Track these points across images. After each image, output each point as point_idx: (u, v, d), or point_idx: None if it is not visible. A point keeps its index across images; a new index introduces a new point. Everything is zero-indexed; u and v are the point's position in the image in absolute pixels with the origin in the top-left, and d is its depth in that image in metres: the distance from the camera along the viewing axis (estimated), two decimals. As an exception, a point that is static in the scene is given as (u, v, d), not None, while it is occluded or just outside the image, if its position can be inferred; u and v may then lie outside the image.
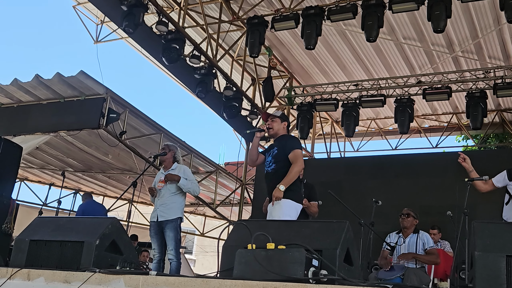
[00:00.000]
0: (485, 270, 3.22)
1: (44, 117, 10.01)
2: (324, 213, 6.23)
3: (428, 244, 6.48)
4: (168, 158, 6.56)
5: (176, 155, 6.63)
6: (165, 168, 6.57)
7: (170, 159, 6.56)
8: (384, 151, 14.54)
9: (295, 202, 4.97)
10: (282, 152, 5.07)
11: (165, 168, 6.57)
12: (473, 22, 10.21)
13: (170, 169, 6.50)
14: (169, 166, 6.55)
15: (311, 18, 9.31)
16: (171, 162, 6.56)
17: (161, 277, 3.62)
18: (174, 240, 6.17)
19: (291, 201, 4.93)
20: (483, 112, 10.74)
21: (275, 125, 5.26)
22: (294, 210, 4.96)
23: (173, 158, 6.58)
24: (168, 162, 6.57)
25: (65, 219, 5.18)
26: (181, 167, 6.56)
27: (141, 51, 12.25)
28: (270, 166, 5.13)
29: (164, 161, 6.59)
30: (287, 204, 4.92)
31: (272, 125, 5.26)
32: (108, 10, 9.74)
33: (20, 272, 4.06)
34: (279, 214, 4.83)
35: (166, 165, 6.58)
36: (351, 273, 3.64)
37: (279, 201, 4.87)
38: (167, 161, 6.57)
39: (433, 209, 8.85)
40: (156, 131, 10.96)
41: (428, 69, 11.81)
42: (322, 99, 12.07)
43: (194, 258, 24.09)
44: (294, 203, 4.96)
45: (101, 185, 14.57)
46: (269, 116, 5.36)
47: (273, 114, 5.39)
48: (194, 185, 6.43)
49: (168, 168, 6.53)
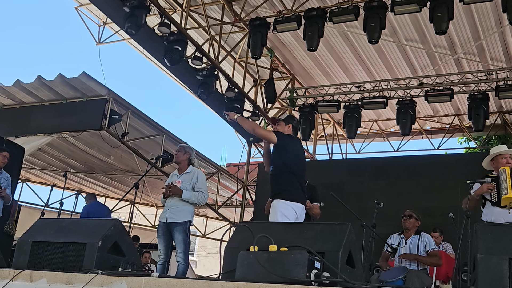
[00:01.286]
0: (488, 273, 3.23)
1: (46, 118, 10.02)
2: (326, 215, 6.22)
3: (430, 246, 6.48)
4: (184, 160, 6.45)
5: (192, 158, 6.53)
6: (180, 171, 6.47)
7: (185, 162, 6.46)
8: (386, 153, 14.59)
9: (290, 202, 4.96)
10: (276, 151, 5.10)
11: (180, 171, 6.47)
12: (475, 24, 10.21)
13: (185, 172, 6.40)
14: (184, 169, 6.44)
15: (313, 20, 9.31)
16: (186, 165, 6.45)
17: (163, 279, 3.62)
18: (183, 243, 6.07)
19: (283, 201, 4.95)
20: (485, 114, 10.73)
21: (279, 129, 5.29)
22: (290, 210, 4.93)
23: (188, 161, 6.48)
24: (183, 165, 6.46)
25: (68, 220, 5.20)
26: (195, 171, 6.44)
27: (143, 52, 12.26)
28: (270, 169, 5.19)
29: (180, 163, 6.48)
30: (280, 205, 4.94)
31: (276, 129, 5.30)
32: (110, 11, 9.76)
33: (22, 274, 4.07)
34: (273, 216, 4.88)
35: (181, 167, 6.47)
36: (353, 275, 3.65)
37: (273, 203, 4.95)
38: (183, 163, 6.46)
39: (435, 211, 8.83)
40: (158, 133, 10.96)
41: (430, 70, 11.80)
42: (324, 101, 12.07)
43: (195, 260, 24.08)
44: (289, 203, 4.95)
45: (103, 186, 14.57)
46: (276, 121, 5.40)
47: (278, 119, 5.44)
48: (199, 196, 6.25)
49: (183, 170, 6.43)
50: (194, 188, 6.29)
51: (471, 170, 8.00)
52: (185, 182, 6.33)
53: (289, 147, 5.16)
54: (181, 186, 6.27)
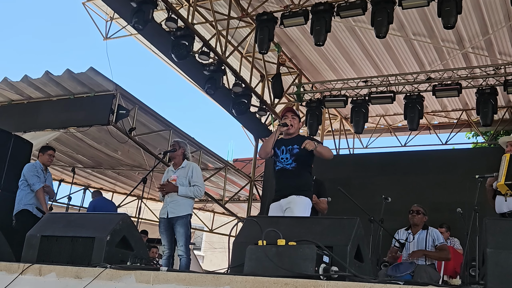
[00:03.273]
0: (497, 267, 3.21)
1: (54, 113, 10.06)
2: (333, 210, 6.22)
3: (438, 240, 6.46)
4: (178, 155, 6.52)
5: (186, 152, 6.60)
6: (175, 166, 6.53)
7: (180, 156, 6.52)
8: (393, 148, 14.49)
9: (310, 201, 5.10)
10: (304, 152, 5.09)
11: (175, 166, 6.53)
12: (484, 18, 10.14)
13: (181, 166, 6.46)
14: (179, 164, 6.50)
15: (320, 15, 9.29)
16: (181, 160, 6.52)
17: (172, 273, 3.63)
18: (184, 236, 6.16)
19: (309, 199, 5.05)
20: (493, 109, 10.67)
21: (295, 124, 5.30)
22: (309, 208, 5.06)
23: (183, 155, 6.55)
24: (178, 160, 6.52)
25: (76, 215, 5.21)
26: (190, 165, 6.51)
27: (150, 47, 12.27)
28: (289, 164, 5.14)
29: (175, 158, 6.54)
30: (308, 202, 5.04)
31: (293, 122, 5.28)
32: (117, 6, 9.77)
33: (31, 268, 4.09)
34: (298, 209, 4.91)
35: (176, 162, 6.53)
36: (362, 270, 3.63)
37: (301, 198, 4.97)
38: (177, 158, 6.52)
39: (442, 206, 8.80)
40: (165, 128, 10.98)
41: (438, 65, 11.74)
42: (331, 96, 12.04)
43: (202, 255, 24.14)
44: (310, 202, 5.09)
45: (111, 181, 14.62)
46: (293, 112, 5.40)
47: (294, 110, 5.46)
48: (195, 190, 6.32)
49: (178, 165, 6.49)
50: (190, 182, 6.35)
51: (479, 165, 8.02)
52: (181, 177, 6.39)
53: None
54: (177, 181, 6.33)
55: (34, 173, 7.24)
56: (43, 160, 7.46)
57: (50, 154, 7.52)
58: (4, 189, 7.72)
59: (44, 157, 7.46)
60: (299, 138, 5.24)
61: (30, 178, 7.18)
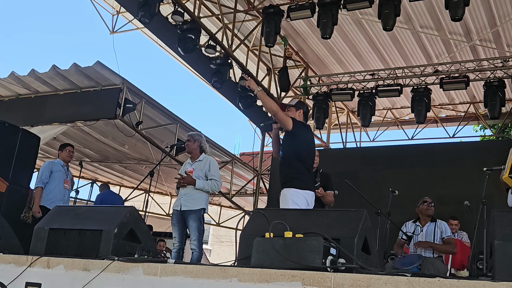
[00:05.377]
0: (505, 259, 3.19)
1: (61, 107, 10.08)
2: (340, 203, 6.21)
3: (446, 233, 6.46)
4: (195, 148, 6.46)
5: (203, 145, 6.52)
6: (192, 159, 6.49)
7: (197, 150, 6.46)
8: (400, 141, 14.45)
9: (300, 190, 4.98)
10: (287, 138, 5.07)
11: (192, 159, 6.49)
12: (492, 10, 10.07)
13: (198, 159, 6.41)
14: (196, 157, 6.45)
15: (327, 7, 9.25)
16: (198, 153, 6.46)
17: (179, 265, 3.63)
18: (198, 230, 6.09)
19: (294, 189, 4.96)
20: (501, 102, 10.61)
21: (290, 115, 5.24)
22: (301, 197, 4.96)
23: (200, 148, 6.49)
24: (195, 153, 6.47)
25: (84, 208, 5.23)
26: (208, 158, 6.44)
27: (156, 41, 12.27)
28: (280, 156, 5.17)
29: (192, 152, 6.49)
30: (291, 193, 4.96)
31: (288, 115, 5.23)
32: (123, 0, 9.78)
33: (40, 260, 4.11)
34: (284, 204, 4.90)
35: (194, 155, 6.48)
36: (369, 262, 3.63)
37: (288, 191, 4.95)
38: (194, 151, 6.47)
39: (450, 199, 8.78)
40: (172, 121, 10.98)
41: (445, 58, 11.68)
42: (338, 89, 12.00)
43: (209, 248, 24.21)
44: (299, 191, 4.97)
45: (118, 175, 14.65)
46: (286, 106, 5.37)
47: (288, 104, 5.41)
48: (212, 184, 6.26)
49: (195, 159, 6.44)
50: (207, 176, 6.30)
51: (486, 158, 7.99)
52: (198, 169, 6.33)
53: (301, 135, 5.14)
54: (194, 174, 6.27)
55: (42, 171, 7.47)
56: (63, 157, 7.72)
57: (69, 151, 7.78)
58: (12, 183, 7.74)
59: (63, 154, 7.73)
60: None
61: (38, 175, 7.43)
